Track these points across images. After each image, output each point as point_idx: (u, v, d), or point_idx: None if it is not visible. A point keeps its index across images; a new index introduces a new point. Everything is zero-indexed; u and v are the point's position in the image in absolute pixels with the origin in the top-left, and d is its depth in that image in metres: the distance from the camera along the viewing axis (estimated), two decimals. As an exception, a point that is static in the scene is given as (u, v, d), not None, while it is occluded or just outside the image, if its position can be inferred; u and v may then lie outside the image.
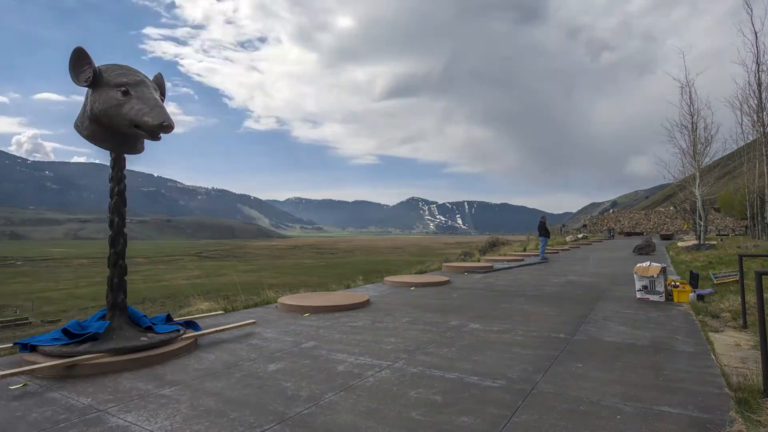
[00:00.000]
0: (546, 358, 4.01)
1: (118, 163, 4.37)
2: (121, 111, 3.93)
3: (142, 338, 4.09)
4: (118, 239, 4.33)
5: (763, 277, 3.25)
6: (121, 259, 4.35)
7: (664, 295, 7.00)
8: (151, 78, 4.41)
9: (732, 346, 4.39)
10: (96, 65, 4.03)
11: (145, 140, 4.41)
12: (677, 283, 7.25)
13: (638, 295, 7.23)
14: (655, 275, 7.06)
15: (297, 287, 10.17)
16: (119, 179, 4.38)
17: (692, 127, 19.30)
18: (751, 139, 19.51)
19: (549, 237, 17.61)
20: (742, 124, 18.62)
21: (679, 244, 23.22)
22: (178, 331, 4.46)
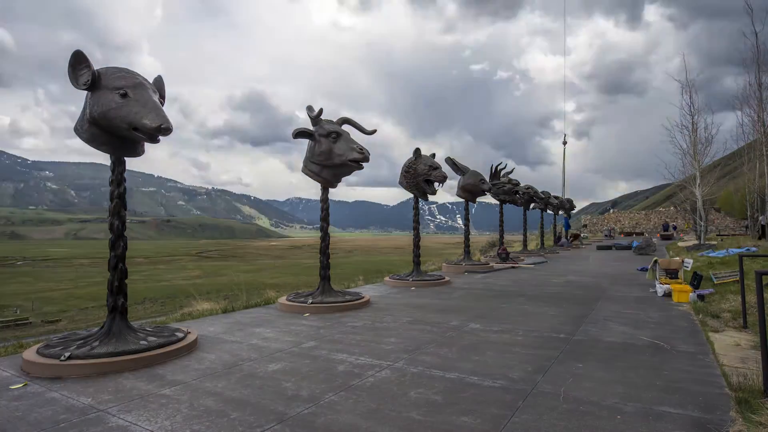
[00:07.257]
0: (546, 358, 4.01)
1: (118, 166, 4.36)
2: (120, 114, 3.92)
3: (141, 342, 4.10)
4: (118, 242, 4.33)
5: (764, 277, 3.25)
6: (121, 262, 4.34)
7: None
8: (150, 81, 4.41)
9: (732, 346, 4.39)
10: (95, 68, 4.03)
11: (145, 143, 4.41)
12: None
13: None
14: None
15: (298, 287, 10.17)
16: (119, 182, 4.38)
17: (692, 127, 19.29)
18: (751, 139, 19.53)
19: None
20: (742, 124, 18.65)
21: (680, 244, 23.23)
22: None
